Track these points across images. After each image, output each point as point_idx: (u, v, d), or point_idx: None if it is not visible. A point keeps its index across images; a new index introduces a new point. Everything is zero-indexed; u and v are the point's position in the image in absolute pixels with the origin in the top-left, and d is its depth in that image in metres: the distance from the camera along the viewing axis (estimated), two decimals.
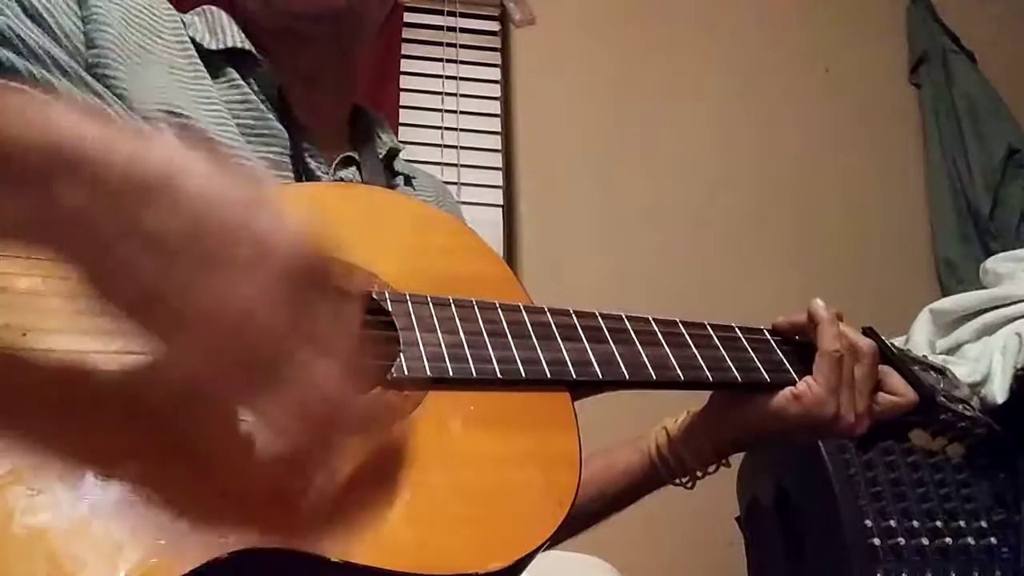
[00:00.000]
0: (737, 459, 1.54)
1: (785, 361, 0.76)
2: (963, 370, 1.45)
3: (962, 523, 1.36)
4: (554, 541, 0.83)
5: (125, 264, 0.40)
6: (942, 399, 0.80)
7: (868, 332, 0.81)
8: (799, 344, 0.79)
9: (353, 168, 0.84)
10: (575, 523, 0.83)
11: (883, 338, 0.81)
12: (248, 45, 0.80)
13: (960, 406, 0.80)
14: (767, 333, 0.78)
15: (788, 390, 0.75)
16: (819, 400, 0.74)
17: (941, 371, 0.84)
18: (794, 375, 0.76)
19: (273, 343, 0.41)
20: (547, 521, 0.53)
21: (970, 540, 1.35)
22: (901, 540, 1.33)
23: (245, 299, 0.40)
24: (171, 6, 0.82)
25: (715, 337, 0.74)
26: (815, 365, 0.76)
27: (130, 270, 0.40)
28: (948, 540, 1.34)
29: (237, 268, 0.40)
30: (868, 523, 1.34)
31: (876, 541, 1.33)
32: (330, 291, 0.43)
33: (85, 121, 0.41)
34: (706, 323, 0.75)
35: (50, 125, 0.41)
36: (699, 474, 0.82)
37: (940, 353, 1.61)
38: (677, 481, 0.83)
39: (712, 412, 0.81)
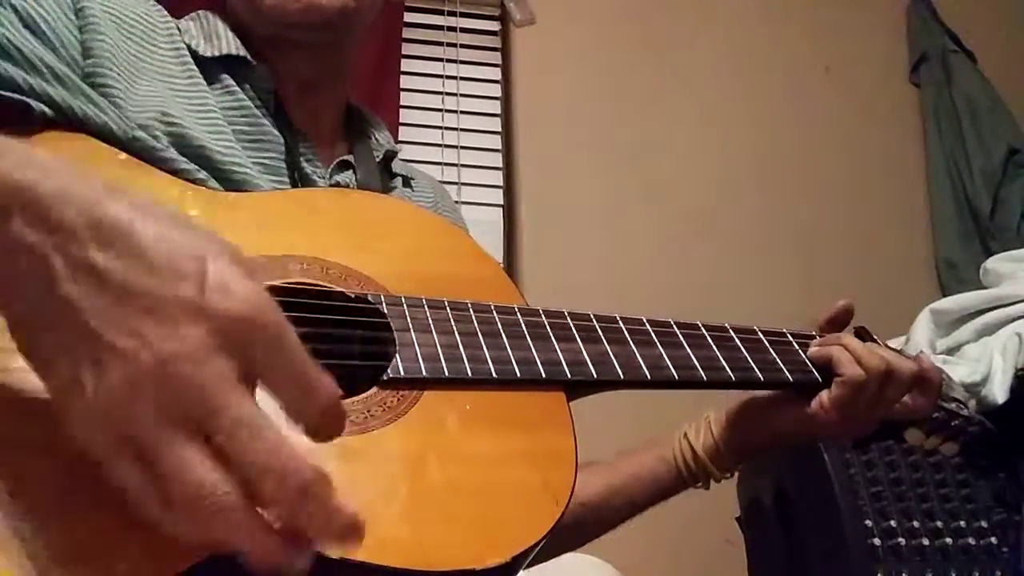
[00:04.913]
0: None
1: (777, 360, 0.76)
2: (963, 370, 1.45)
3: (962, 523, 1.36)
4: (573, 546, 0.85)
5: (69, 301, 0.40)
6: None
7: (860, 331, 0.81)
8: (783, 342, 0.79)
9: (349, 172, 0.84)
10: (599, 528, 0.88)
11: (876, 338, 0.82)
12: (243, 52, 0.80)
13: (954, 405, 0.81)
14: (759, 332, 0.78)
15: (821, 398, 0.77)
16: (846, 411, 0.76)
17: None
18: (787, 373, 0.75)
19: (197, 391, 0.40)
20: (544, 519, 0.53)
21: (970, 540, 1.34)
22: (901, 540, 1.33)
23: (179, 342, 0.40)
24: (166, 13, 0.82)
25: (708, 337, 0.74)
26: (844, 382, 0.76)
27: (73, 307, 0.40)
28: (948, 540, 1.34)
29: (176, 315, 0.40)
30: (868, 523, 1.34)
31: (876, 541, 1.32)
32: (273, 350, 0.42)
33: (47, 164, 0.42)
34: (699, 323, 0.75)
35: (8, 167, 0.41)
36: (717, 479, 0.86)
37: (940, 353, 1.61)
38: (698, 485, 0.87)
39: (738, 425, 0.84)
